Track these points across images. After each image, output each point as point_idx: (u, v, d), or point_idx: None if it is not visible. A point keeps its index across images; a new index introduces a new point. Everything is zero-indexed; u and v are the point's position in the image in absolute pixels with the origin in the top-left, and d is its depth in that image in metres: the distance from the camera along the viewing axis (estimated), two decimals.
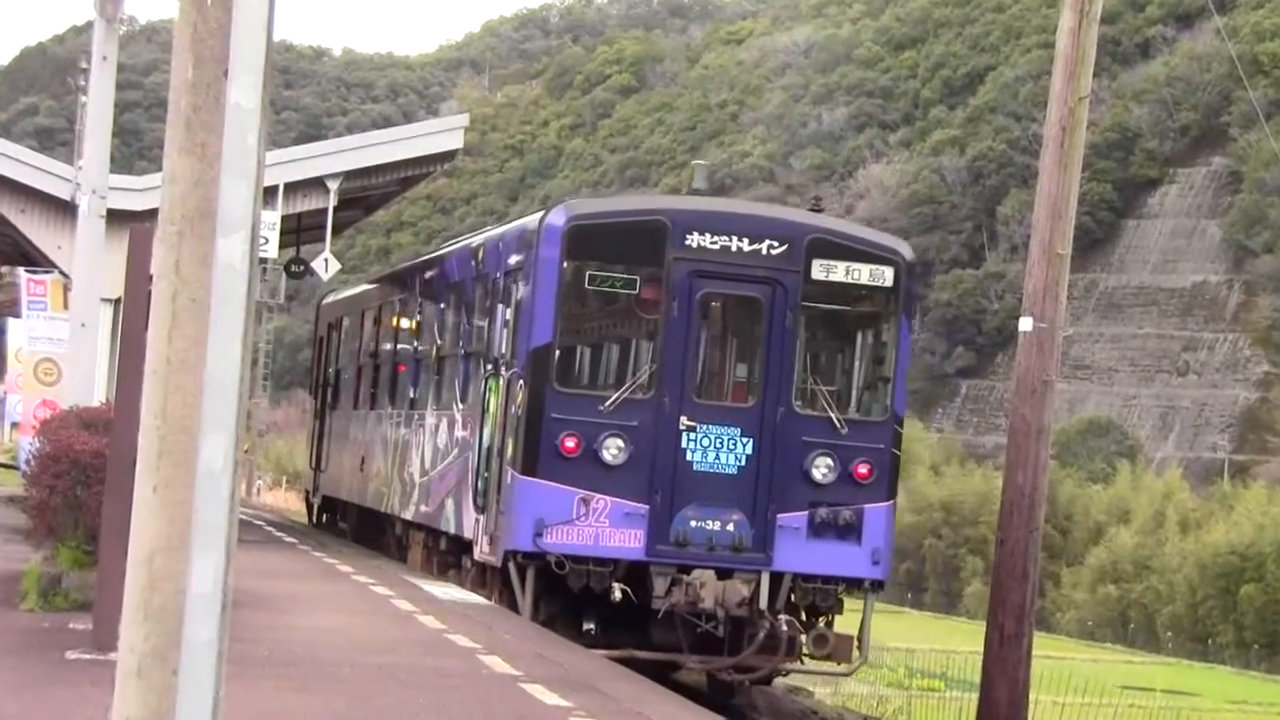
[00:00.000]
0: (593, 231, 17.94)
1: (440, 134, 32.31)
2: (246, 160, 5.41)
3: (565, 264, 17.77)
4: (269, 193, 28.41)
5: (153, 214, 23.66)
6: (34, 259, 31.18)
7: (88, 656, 12.52)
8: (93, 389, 23.52)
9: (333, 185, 30.55)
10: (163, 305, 6.15)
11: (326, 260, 31.03)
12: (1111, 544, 64.47)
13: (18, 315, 33.60)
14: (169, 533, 6.10)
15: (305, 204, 30.91)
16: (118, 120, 27.05)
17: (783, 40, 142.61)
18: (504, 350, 18.89)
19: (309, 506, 34.49)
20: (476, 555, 19.36)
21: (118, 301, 25.32)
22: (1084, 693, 26.38)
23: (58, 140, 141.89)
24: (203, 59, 6.11)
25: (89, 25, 32.81)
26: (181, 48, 6.16)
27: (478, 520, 19.18)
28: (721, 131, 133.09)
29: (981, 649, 18.65)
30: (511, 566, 18.01)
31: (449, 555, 21.42)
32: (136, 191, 29.18)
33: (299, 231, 33.50)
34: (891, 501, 18.19)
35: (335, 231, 32.45)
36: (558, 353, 17.87)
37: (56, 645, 13.10)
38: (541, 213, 18.48)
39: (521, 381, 17.99)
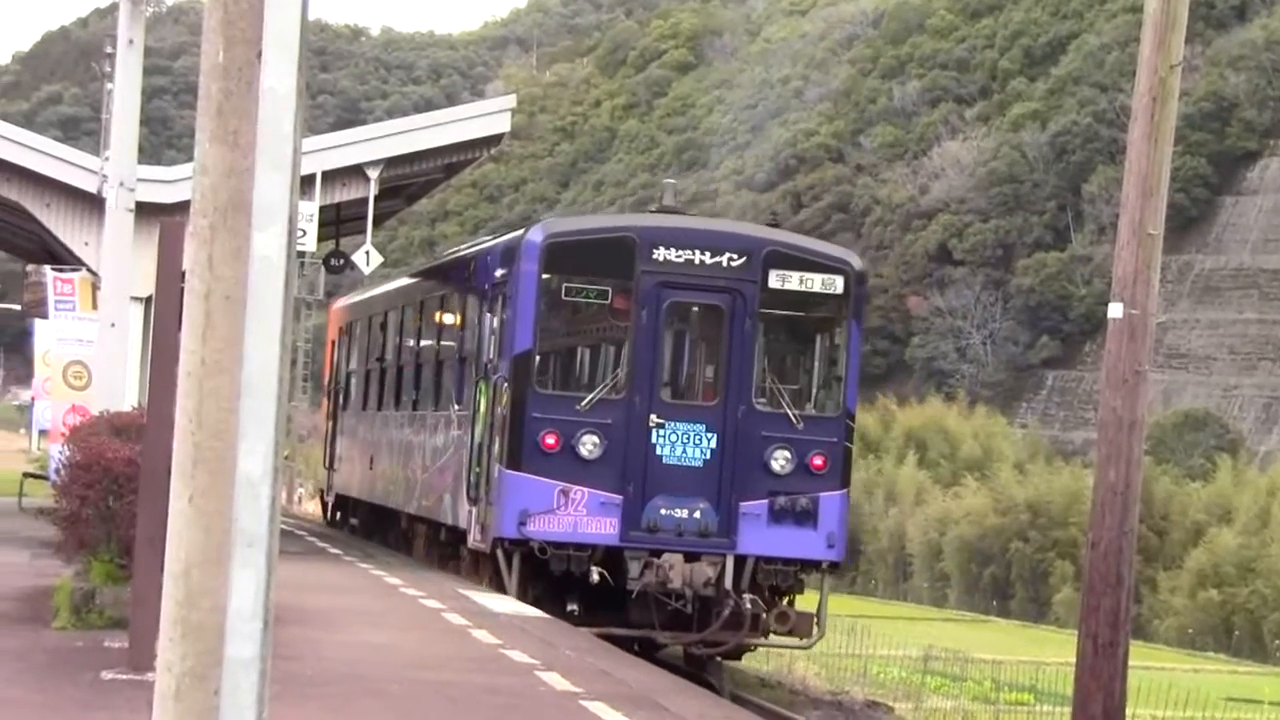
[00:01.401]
0: (568, 247, 21.04)
1: (486, 117, 32.35)
2: (282, 148, 5.42)
3: (544, 277, 20.87)
4: (306, 182, 28.50)
5: (184, 206, 23.68)
6: (60, 256, 31.38)
7: (124, 677, 12.60)
8: (124, 393, 23.66)
9: (373, 173, 30.63)
10: (196, 304, 6.17)
11: (368, 253, 31.11)
12: (1212, 545, 64.04)
13: (45, 316, 33.81)
14: (206, 545, 6.12)
15: (344, 193, 31.00)
16: (145, 108, 27.16)
17: (850, 10, 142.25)
18: (492, 355, 21.84)
19: (324, 505, 37.22)
20: (470, 543, 22.20)
21: (149, 300, 25.45)
22: (1185, 705, 26.24)
23: (83, 130, 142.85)
24: (234, 41, 6.12)
25: (113, 7, 32.92)
26: (212, 29, 6.18)
27: (470, 511, 22.08)
28: (785, 109, 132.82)
29: (1074, 660, 18.56)
30: (499, 553, 21.01)
31: (448, 546, 24.29)
32: (166, 183, 29.33)
33: (338, 223, 33.62)
34: (845, 490, 21.19)
35: (376, 222, 32.54)
36: (538, 358, 21.06)
37: (90, 665, 13.18)
38: (523, 230, 21.78)
39: (506, 384, 21.05)
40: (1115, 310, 18.16)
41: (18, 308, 65.00)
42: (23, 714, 11.41)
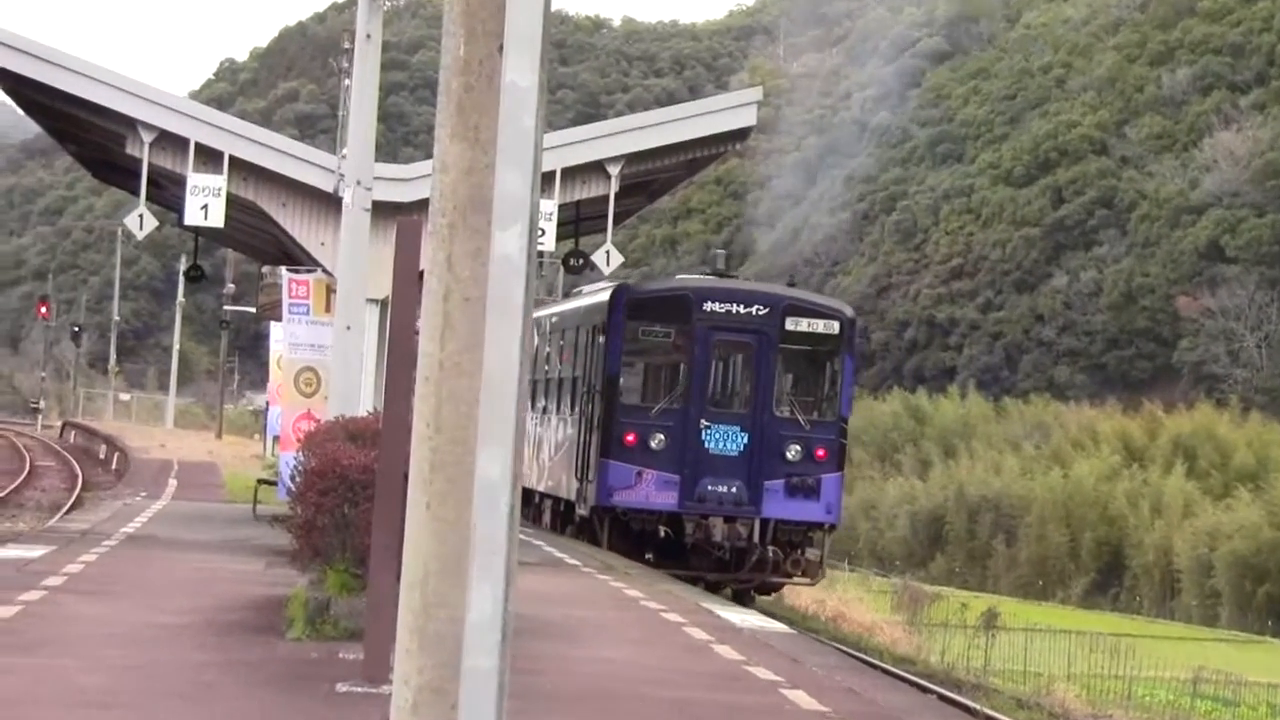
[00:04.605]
0: (644, 302, 31.11)
1: (731, 110, 32.37)
2: (523, 144, 5.45)
3: (627, 323, 30.59)
4: (546, 179, 28.75)
5: (421, 205, 23.89)
6: (296, 257, 31.99)
7: (359, 690, 12.79)
8: (359, 398, 24.04)
9: (613, 170, 30.81)
10: (434, 305, 6.23)
11: (608, 253, 31.30)
12: None
13: (279, 319, 34.49)
14: (444, 554, 6.18)
15: (584, 191, 31.21)
16: (383, 104, 27.60)
17: None
18: (592, 376, 31.62)
19: None
20: (577, 511, 31.93)
21: (385, 302, 25.84)
22: None
23: (319, 128, 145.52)
24: (475, 34, 6.18)
25: (351, 2, 33.50)
26: (452, 22, 6.24)
27: (578, 488, 31.68)
28: (1045, 99, 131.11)
29: None
30: (594, 517, 30.95)
31: (565, 515, 33.60)
32: (403, 181, 29.76)
33: (577, 221, 33.84)
34: (840, 473, 30.56)
35: (616, 220, 32.70)
36: (622, 379, 30.75)
37: (325, 677, 13.40)
38: (614, 288, 31.57)
39: (600, 397, 30.82)
40: None
41: (253, 310, 66.47)
42: None
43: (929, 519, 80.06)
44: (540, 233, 6.37)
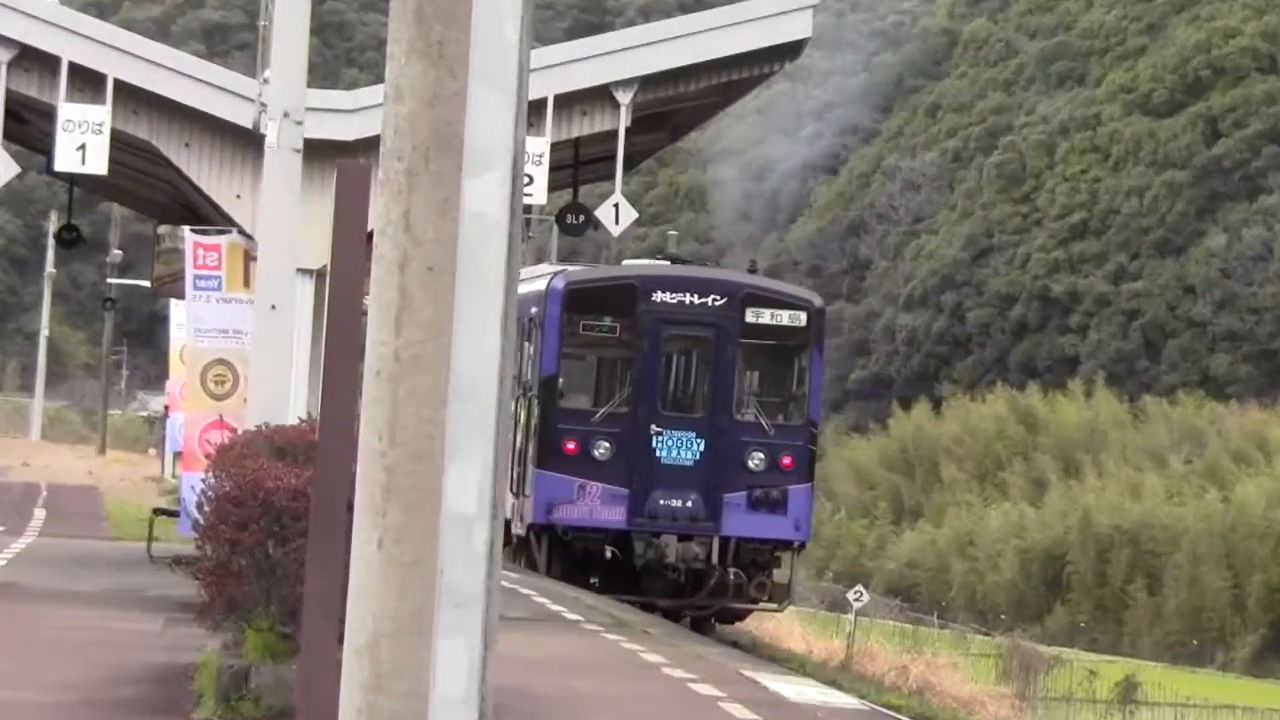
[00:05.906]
0: (585, 292, 35.04)
1: (778, 18, 32.32)
2: (504, 64, 5.45)
3: (565, 316, 34.47)
4: (534, 110, 28.73)
5: (370, 144, 23.89)
6: (204, 214, 32.01)
7: None
8: (288, 400, 24.05)
9: (624, 97, 30.80)
10: (387, 278, 6.24)
11: (617, 207, 31.29)
12: None
13: (180, 295, 34.48)
14: (400, 608, 6.19)
15: (585, 125, 31.22)
16: (317, 11, 27.56)
17: None
18: (528, 377, 35.39)
19: None
20: (513, 530, 35.18)
21: (321, 273, 25.84)
22: None
23: (233, 43, 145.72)
24: None
25: None
26: None
27: (513, 503, 34.73)
28: (1194, 2, 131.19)
29: None
30: (531, 536, 34.77)
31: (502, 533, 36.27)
32: (346, 113, 29.78)
33: (576, 165, 33.86)
34: (810, 484, 35.25)
35: (628, 164, 32.74)
36: (561, 380, 34.77)
37: None
38: (550, 276, 35.83)
39: (536, 400, 34.81)
40: None
41: (147, 284, 66.48)
42: None
43: (1045, 558, 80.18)
44: (527, 180, 6.37)
